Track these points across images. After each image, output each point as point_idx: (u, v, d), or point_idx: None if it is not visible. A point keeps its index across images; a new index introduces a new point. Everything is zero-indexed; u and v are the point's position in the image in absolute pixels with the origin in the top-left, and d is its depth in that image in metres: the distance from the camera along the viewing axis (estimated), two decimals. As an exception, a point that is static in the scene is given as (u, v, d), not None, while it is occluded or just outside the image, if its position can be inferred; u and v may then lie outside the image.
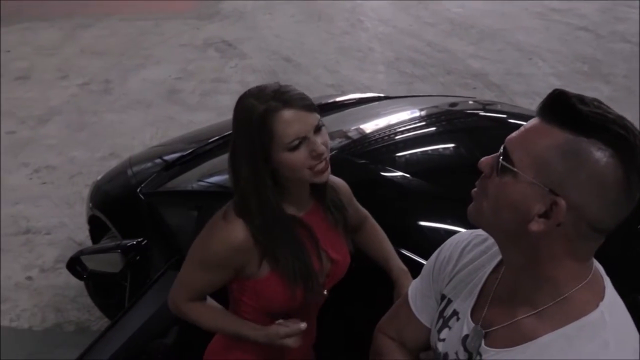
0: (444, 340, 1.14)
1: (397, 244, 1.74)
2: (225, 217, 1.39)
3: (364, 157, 2.38)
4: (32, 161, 4.86)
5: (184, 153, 2.85)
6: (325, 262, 1.48)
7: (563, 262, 0.93)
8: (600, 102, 0.90)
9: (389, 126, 2.64)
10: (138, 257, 2.26)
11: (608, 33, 7.41)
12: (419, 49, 7.09)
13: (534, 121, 0.94)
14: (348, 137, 2.62)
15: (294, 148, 1.29)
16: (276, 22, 8.39)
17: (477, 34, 7.52)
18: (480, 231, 1.16)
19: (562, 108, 0.89)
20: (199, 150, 2.82)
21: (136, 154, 3.26)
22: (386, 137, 2.54)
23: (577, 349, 0.91)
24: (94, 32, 8.30)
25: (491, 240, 1.12)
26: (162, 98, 6.00)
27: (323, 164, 1.33)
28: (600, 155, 0.85)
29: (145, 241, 2.32)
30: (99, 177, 3.16)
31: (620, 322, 0.96)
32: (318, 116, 1.33)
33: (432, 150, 2.50)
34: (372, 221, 1.74)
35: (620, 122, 0.86)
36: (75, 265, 2.29)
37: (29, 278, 3.53)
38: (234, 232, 1.36)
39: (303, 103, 1.31)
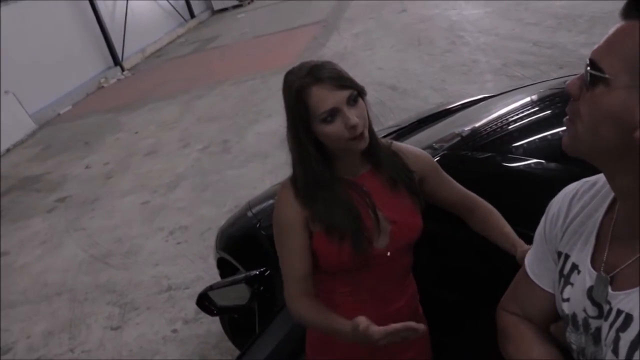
0: (568, 300, 1.02)
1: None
2: (281, 186, 1.54)
3: (487, 149, 2.28)
4: (166, 225, 5.15)
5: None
6: (382, 222, 1.50)
7: None
8: None
9: (503, 116, 2.51)
10: (262, 287, 2.27)
11: None
12: (526, 50, 6.80)
13: (617, 25, 0.83)
14: (461, 135, 2.53)
15: (329, 120, 1.39)
16: (377, 55, 8.46)
17: (587, 22, 7.09)
18: (588, 178, 1.05)
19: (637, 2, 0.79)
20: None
21: (254, 198, 3.33)
22: (505, 127, 2.42)
23: None
24: (208, 100, 8.83)
25: (601, 182, 1.00)
26: (277, 147, 6.15)
27: (359, 136, 1.40)
28: None
29: (268, 271, 2.33)
30: (221, 226, 3.27)
31: None
32: (350, 91, 1.40)
33: (554, 133, 2.34)
34: (488, 206, 1.65)
35: None
36: (204, 301, 2.34)
37: (174, 331, 3.69)
38: (286, 193, 1.50)
39: (333, 80, 1.39)
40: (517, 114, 2.53)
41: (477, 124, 2.60)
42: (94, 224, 5.60)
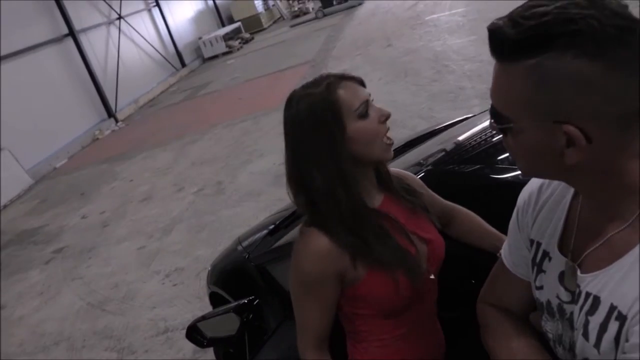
0: (541, 287, 1.02)
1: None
2: (302, 235, 1.36)
3: (472, 162, 2.31)
4: (162, 268, 5.15)
5: (286, 216, 2.89)
6: (419, 245, 1.41)
7: (629, 165, 0.82)
8: (533, 5, 0.80)
9: (486, 129, 2.55)
10: (251, 315, 2.25)
11: None
12: (510, 73, 6.89)
13: (495, 67, 0.87)
14: (445, 150, 2.57)
15: (364, 114, 1.32)
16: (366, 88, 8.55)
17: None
18: None
19: (499, 43, 0.82)
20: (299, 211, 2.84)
21: (243, 232, 3.34)
22: (489, 140, 2.45)
23: None
24: (201, 144, 8.91)
25: None
26: (270, 185, 6.20)
27: (389, 138, 1.35)
28: (564, 62, 0.77)
29: (257, 300, 2.32)
30: (212, 262, 3.28)
31: None
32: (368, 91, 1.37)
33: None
34: (466, 212, 1.66)
35: (561, 17, 0.76)
36: (193, 334, 2.33)
37: (172, 372, 3.65)
38: (316, 242, 1.32)
39: (353, 77, 1.37)
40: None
41: (461, 138, 2.64)
42: (90, 272, 5.59)
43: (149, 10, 18.18)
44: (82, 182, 9.16)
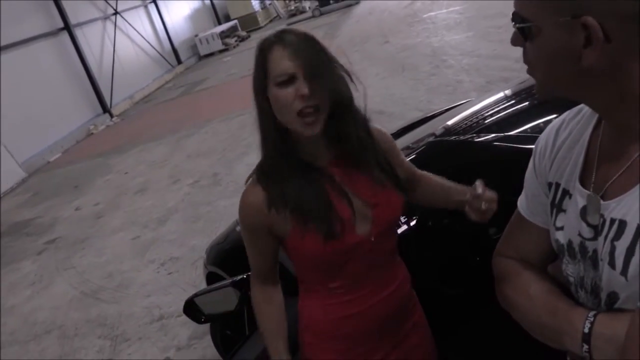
0: (562, 228, 0.98)
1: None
2: (246, 183, 1.44)
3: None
4: (157, 257, 5.07)
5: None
6: (362, 208, 1.41)
7: None
8: None
9: (475, 114, 2.59)
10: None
11: None
12: (508, 67, 6.86)
13: None
14: (434, 134, 2.57)
15: (282, 84, 1.29)
16: (363, 84, 8.50)
17: (567, 38, 7.19)
18: (570, 111, 1.04)
19: None
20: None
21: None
22: (478, 123, 2.47)
23: None
24: (197, 138, 8.85)
25: (586, 107, 0.98)
26: None
27: (312, 117, 1.30)
28: None
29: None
30: (210, 242, 3.22)
31: None
32: (313, 65, 1.30)
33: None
34: (428, 174, 1.66)
35: None
36: (191, 309, 2.26)
37: (168, 359, 3.57)
38: (249, 194, 1.40)
39: (298, 44, 1.31)
40: (490, 110, 2.56)
41: (450, 123, 2.63)
42: (84, 262, 5.51)
43: (146, 7, 18.12)
44: (76, 175, 9.08)
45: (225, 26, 21.52)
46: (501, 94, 2.84)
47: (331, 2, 20.74)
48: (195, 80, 15.13)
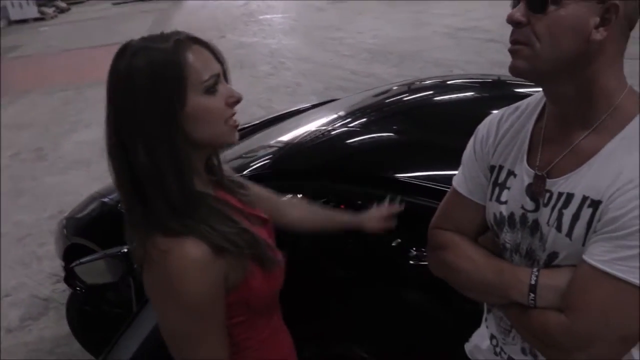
0: (505, 202, 1.14)
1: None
2: (161, 250, 1.05)
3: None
4: (-26, 234, 4.62)
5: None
6: (263, 225, 1.32)
7: (614, 67, 0.98)
8: None
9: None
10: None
11: (513, 41, 7.91)
12: (345, 77, 7.34)
13: None
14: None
15: (211, 90, 1.10)
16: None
17: (397, 58, 7.89)
18: (509, 106, 1.21)
19: None
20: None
21: (103, 187, 3.17)
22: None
23: None
24: (15, 108, 8.14)
25: (523, 106, 1.17)
26: (101, 155, 5.68)
27: (236, 118, 1.17)
28: None
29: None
30: (65, 215, 3.09)
31: None
32: (222, 67, 1.17)
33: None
34: (292, 200, 1.70)
35: None
36: (71, 278, 2.19)
37: (-6, 341, 3.32)
38: (189, 251, 1.06)
39: (208, 44, 1.16)
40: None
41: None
42: None
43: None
44: None
45: (41, -7, 19.80)
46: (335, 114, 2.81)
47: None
48: (7, 46, 13.75)
